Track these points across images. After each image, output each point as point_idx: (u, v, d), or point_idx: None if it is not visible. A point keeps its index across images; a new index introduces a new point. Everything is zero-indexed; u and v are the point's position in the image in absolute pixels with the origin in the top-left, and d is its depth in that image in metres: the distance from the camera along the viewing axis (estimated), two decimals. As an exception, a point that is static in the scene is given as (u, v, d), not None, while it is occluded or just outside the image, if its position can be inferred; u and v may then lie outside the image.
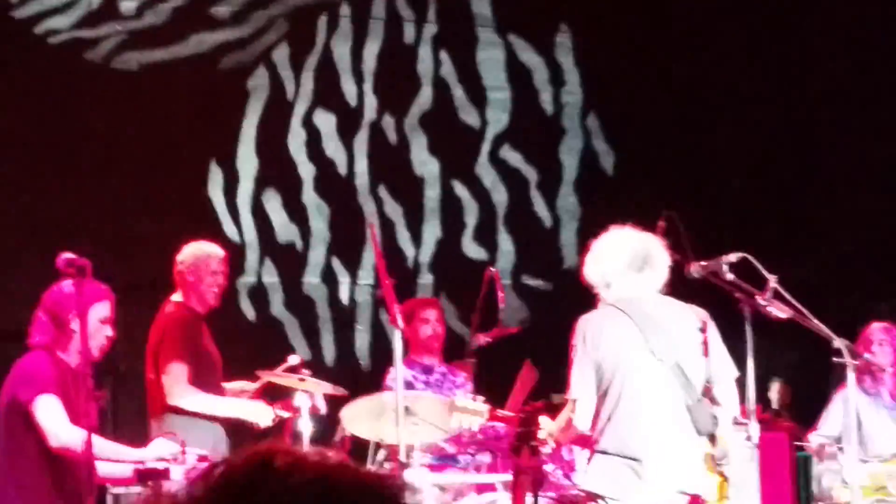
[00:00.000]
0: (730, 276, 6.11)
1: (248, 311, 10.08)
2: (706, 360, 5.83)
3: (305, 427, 6.97)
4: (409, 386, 8.23)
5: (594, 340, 5.79)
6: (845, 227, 10.42)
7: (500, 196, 10.70)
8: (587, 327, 5.83)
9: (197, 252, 7.59)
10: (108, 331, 6.46)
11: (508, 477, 6.85)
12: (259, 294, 10.08)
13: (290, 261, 10.22)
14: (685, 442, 5.73)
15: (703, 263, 6.16)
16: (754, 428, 7.20)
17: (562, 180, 10.83)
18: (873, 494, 7.90)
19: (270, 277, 10.16)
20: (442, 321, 8.62)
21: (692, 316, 5.93)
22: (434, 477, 7.32)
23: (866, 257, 10.26)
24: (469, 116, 10.74)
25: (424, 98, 10.60)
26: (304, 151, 10.34)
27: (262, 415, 7.28)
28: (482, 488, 7.57)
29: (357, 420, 7.17)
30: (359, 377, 9.58)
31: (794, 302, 6.11)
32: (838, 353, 6.18)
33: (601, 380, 5.77)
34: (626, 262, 5.91)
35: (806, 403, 9.26)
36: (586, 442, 5.86)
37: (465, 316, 8.72)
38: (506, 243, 10.64)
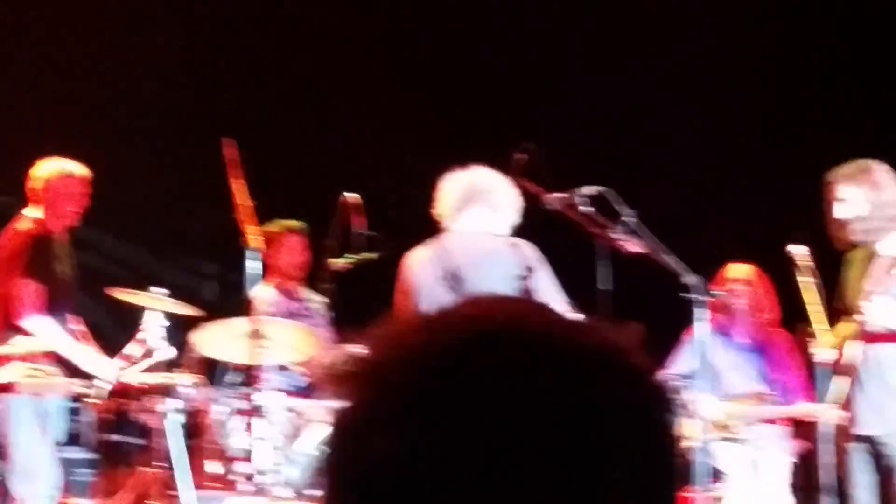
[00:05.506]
0: (585, 209, 6.48)
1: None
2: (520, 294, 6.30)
3: (163, 349, 7.29)
4: (276, 311, 8.56)
5: (408, 272, 6.40)
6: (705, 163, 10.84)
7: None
8: (407, 260, 6.47)
9: (60, 169, 7.73)
10: None
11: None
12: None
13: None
14: None
15: (559, 196, 6.53)
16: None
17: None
18: (720, 432, 8.39)
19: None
20: (306, 249, 8.87)
21: (513, 252, 6.40)
22: (286, 400, 7.72)
23: (725, 195, 10.64)
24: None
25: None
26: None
27: (105, 371, 7.30)
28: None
29: (210, 342, 7.51)
30: (209, 300, 9.85)
31: (647, 237, 6.44)
32: (689, 289, 6.46)
33: (414, 310, 6.37)
34: (456, 199, 6.46)
35: (661, 340, 9.58)
36: None
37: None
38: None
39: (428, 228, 6.81)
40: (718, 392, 8.44)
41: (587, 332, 1.35)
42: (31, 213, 7.68)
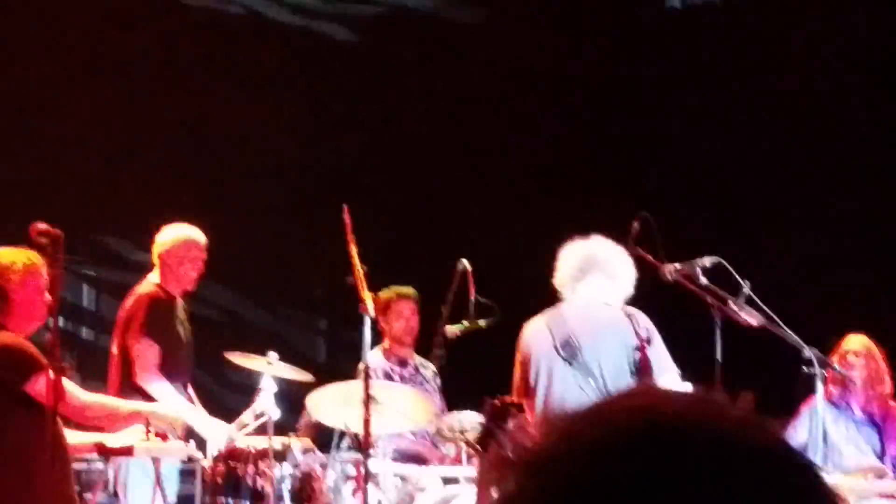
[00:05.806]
0: (703, 281, 6.47)
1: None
2: (636, 364, 6.30)
3: (272, 411, 7.36)
4: (386, 377, 8.62)
5: (524, 341, 6.45)
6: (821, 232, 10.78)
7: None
8: (524, 330, 6.52)
9: (180, 236, 7.95)
10: (47, 297, 6.30)
11: (472, 471, 7.29)
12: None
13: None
14: None
15: (677, 267, 6.52)
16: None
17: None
18: (836, 507, 8.26)
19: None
20: (416, 315, 8.94)
21: (629, 322, 6.41)
22: (397, 467, 7.75)
23: (843, 264, 10.55)
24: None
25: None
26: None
27: (217, 435, 7.36)
28: (446, 481, 7.95)
29: (322, 407, 7.58)
30: (320, 364, 9.96)
31: (766, 309, 6.41)
32: (808, 362, 6.40)
33: (531, 379, 6.39)
34: (574, 269, 6.50)
35: (773, 412, 9.46)
36: None
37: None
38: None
39: (544, 297, 6.83)
40: (834, 466, 8.36)
41: (751, 425, 1.33)
42: (153, 277, 7.87)
